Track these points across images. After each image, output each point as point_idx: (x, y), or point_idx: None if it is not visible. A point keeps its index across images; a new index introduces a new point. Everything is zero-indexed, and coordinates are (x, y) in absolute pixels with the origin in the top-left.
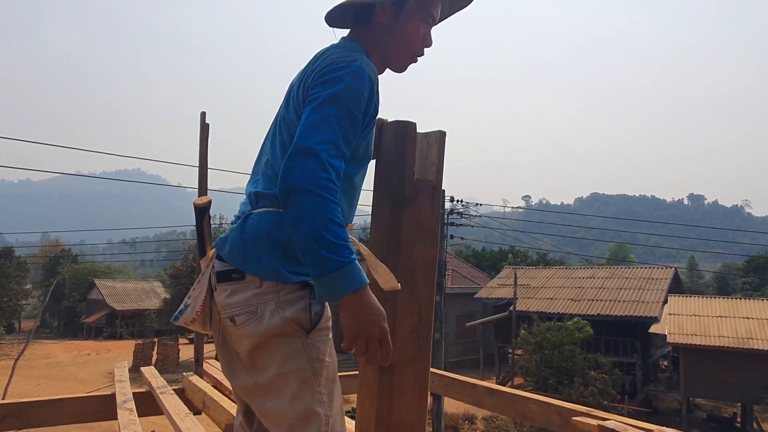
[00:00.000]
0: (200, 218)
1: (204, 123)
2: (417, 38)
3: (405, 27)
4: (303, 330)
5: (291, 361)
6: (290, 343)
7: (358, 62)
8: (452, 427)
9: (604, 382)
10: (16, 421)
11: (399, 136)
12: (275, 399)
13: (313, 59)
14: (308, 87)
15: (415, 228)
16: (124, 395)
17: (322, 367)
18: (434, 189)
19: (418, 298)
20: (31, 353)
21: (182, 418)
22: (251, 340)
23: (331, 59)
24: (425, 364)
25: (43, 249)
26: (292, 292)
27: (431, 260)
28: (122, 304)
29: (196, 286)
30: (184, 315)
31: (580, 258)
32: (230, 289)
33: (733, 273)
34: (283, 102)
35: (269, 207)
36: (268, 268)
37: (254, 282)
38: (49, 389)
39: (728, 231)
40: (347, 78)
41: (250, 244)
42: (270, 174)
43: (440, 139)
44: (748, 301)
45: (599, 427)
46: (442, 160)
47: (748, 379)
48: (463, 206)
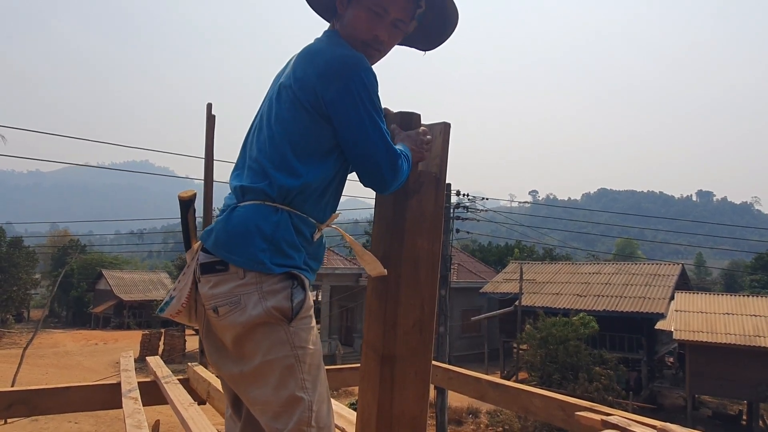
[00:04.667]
0: (185, 211)
1: (210, 114)
2: (362, 27)
3: (351, 15)
4: (285, 318)
5: (274, 350)
6: (273, 332)
7: (361, 56)
8: (456, 421)
9: (609, 377)
10: (24, 408)
11: (403, 127)
12: (261, 387)
13: (308, 55)
14: (314, 86)
15: (419, 220)
16: (129, 384)
17: (305, 354)
18: (438, 181)
19: (420, 291)
20: (39, 342)
21: (186, 407)
22: (234, 329)
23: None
24: (427, 357)
25: (51, 239)
26: (275, 284)
27: (435, 253)
28: (130, 294)
29: (181, 278)
30: (169, 306)
31: (587, 253)
32: (214, 280)
33: (741, 270)
34: (273, 97)
35: (256, 200)
36: (252, 260)
37: (238, 273)
38: (56, 378)
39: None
40: (362, 73)
41: (236, 235)
42: (256, 168)
43: (445, 130)
44: (755, 298)
45: (603, 422)
46: (447, 152)
47: (754, 377)
48: (470, 200)
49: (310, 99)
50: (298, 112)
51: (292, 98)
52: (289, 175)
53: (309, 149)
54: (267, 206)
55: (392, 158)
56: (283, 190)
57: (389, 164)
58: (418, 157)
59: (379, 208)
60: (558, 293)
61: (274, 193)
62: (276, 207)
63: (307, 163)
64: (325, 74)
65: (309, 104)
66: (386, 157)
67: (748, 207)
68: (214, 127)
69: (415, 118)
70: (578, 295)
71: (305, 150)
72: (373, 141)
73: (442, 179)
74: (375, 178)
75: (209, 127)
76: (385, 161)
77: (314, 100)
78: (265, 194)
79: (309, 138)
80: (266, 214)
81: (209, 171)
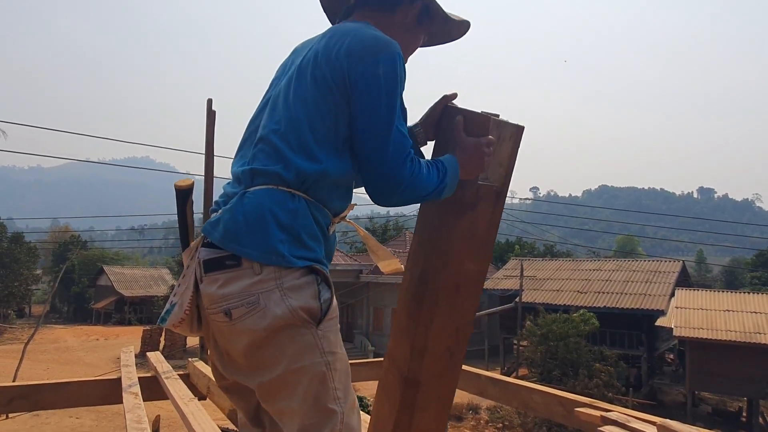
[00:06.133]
0: (182, 203)
1: (210, 110)
2: (412, 49)
3: (413, 35)
4: (313, 320)
5: (303, 356)
6: (300, 336)
7: (397, 43)
8: (456, 417)
9: (609, 374)
10: (25, 403)
11: (468, 129)
12: (286, 399)
13: (340, 33)
14: (342, 63)
15: (468, 239)
16: (129, 380)
17: (336, 360)
18: (499, 195)
19: (458, 317)
20: (40, 338)
21: (186, 402)
22: (251, 336)
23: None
24: (454, 380)
25: (53, 235)
26: (297, 279)
27: (481, 276)
28: (131, 290)
29: (181, 281)
30: (171, 315)
31: (588, 250)
32: (223, 278)
33: (742, 267)
34: (292, 77)
35: (269, 184)
36: (270, 251)
37: (253, 268)
38: (58, 373)
39: (738, 225)
40: (397, 59)
41: (250, 224)
42: (268, 151)
43: (516, 134)
44: (756, 295)
45: (602, 418)
46: (514, 162)
47: (754, 374)
48: None
49: (337, 78)
50: (322, 91)
51: (319, 76)
52: (307, 159)
53: (329, 135)
54: (282, 191)
55: (398, 164)
56: (301, 175)
57: (392, 169)
58: (472, 173)
59: (423, 219)
60: (558, 290)
61: (291, 177)
62: (292, 193)
63: (326, 150)
64: (355, 52)
65: (335, 84)
66: (391, 160)
67: (749, 204)
68: (214, 122)
69: (483, 122)
70: (579, 292)
71: (325, 135)
72: (379, 135)
73: (504, 193)
74: (372, 180)
75: (209, 123)
76: (388, 163)
77: (340, 80)
78: (280, 178)
79: (330, 121)
80: (282, 200)
81: (210, 166)
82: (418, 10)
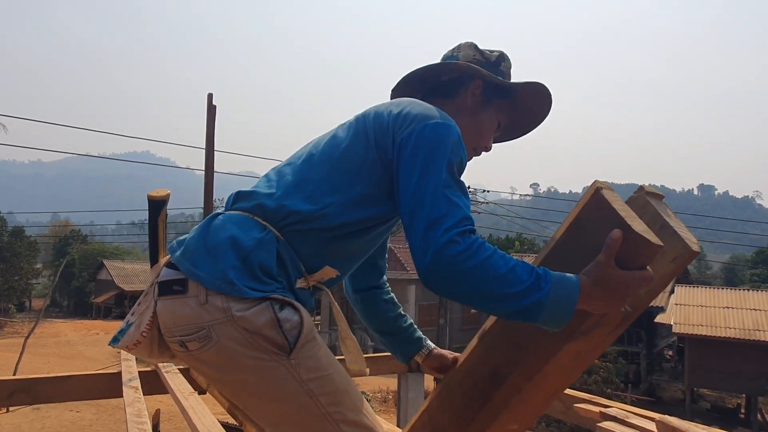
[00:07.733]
0: (154, 215)
1: (211, 104)
2: (489, 134)
3: (486, 118)
4: (281, 351)
5: (276, 392)
6: (270, 371)
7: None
8: None
9: (608, 370)
10: (25, 396)
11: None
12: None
13: (396, 101)
14: (390, 124)
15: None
16: (130, 374)
17: (322, 384)
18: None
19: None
20: (41, 332)
21: (186, 396)
22: (213, 370)
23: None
24: None
25: (53, 229)
26: (247, 308)
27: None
28: (131, 284)
29: (141, 300)
30: (125, 336)
31: None
32: (171, 305)
33: (742, 264)
34: (344, 124)
35: (244, 211)
36: (219, 278)
37: (198, 297)
38: (58, 367)
39: (738, 222)
40: (451, 131)
41: (209, 246)
42: (273, 180)
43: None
44: (755, 292)
45: (601, 414)
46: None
47: (753, 371)
48: (471, 193)
49: (378, 136)
50: (358, 139)
51: (361, 129)
52: (302, 199)
53: (346, 178)
54: (254, 220)
55: (436, 233)
56: (284, 210)
57: (426, 240)
58: (600, 309)
59: None
60: None
61: (272, 207)
62: (265, 225)
63: (338, 192)
64: (408, 116)
65: (374, 140)
66: (427, 227)
67: (749, 201)
68: (215, 117)
69: (647, 251)
70: None
71: (343, 177)
72: (417, 195)
73: (634, 316)
74: (411, 251)
75: (210, 118)
76: (420, 231)
77: (382, 139)
78: (260, 207)
79: (355, 164)
80: (249, 228)
81: (210, 161)
82: (480, 88)
